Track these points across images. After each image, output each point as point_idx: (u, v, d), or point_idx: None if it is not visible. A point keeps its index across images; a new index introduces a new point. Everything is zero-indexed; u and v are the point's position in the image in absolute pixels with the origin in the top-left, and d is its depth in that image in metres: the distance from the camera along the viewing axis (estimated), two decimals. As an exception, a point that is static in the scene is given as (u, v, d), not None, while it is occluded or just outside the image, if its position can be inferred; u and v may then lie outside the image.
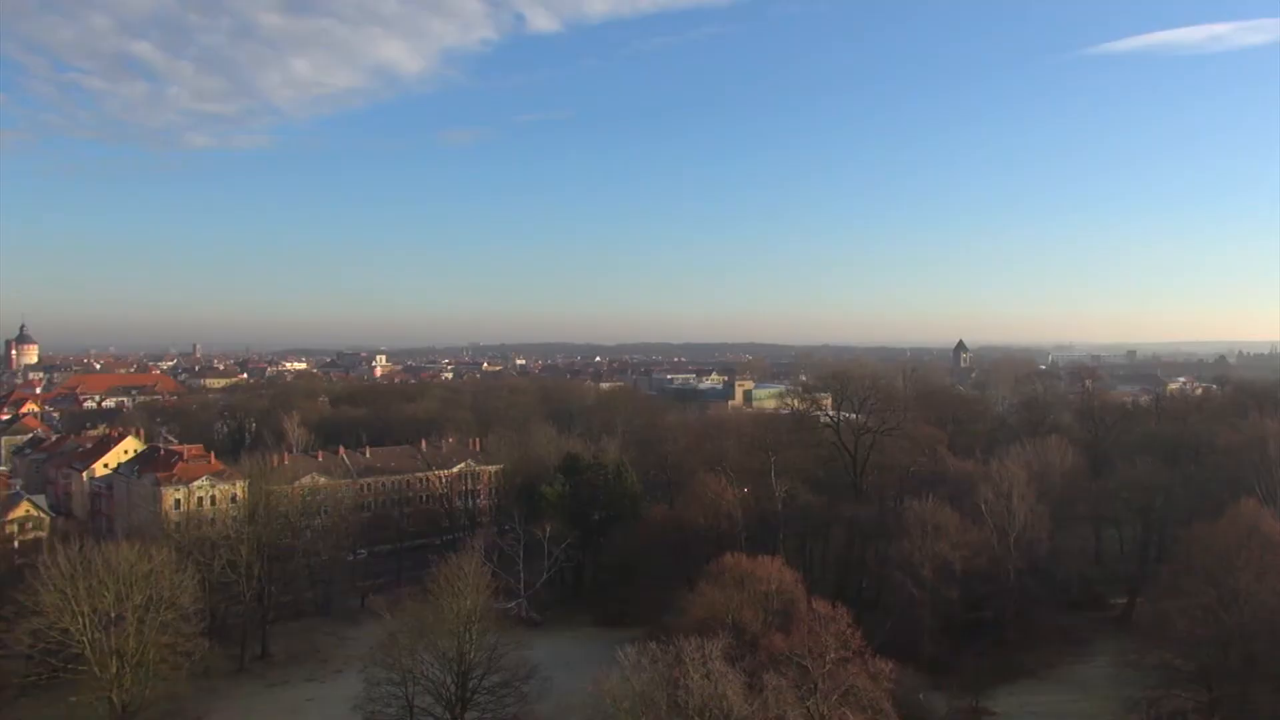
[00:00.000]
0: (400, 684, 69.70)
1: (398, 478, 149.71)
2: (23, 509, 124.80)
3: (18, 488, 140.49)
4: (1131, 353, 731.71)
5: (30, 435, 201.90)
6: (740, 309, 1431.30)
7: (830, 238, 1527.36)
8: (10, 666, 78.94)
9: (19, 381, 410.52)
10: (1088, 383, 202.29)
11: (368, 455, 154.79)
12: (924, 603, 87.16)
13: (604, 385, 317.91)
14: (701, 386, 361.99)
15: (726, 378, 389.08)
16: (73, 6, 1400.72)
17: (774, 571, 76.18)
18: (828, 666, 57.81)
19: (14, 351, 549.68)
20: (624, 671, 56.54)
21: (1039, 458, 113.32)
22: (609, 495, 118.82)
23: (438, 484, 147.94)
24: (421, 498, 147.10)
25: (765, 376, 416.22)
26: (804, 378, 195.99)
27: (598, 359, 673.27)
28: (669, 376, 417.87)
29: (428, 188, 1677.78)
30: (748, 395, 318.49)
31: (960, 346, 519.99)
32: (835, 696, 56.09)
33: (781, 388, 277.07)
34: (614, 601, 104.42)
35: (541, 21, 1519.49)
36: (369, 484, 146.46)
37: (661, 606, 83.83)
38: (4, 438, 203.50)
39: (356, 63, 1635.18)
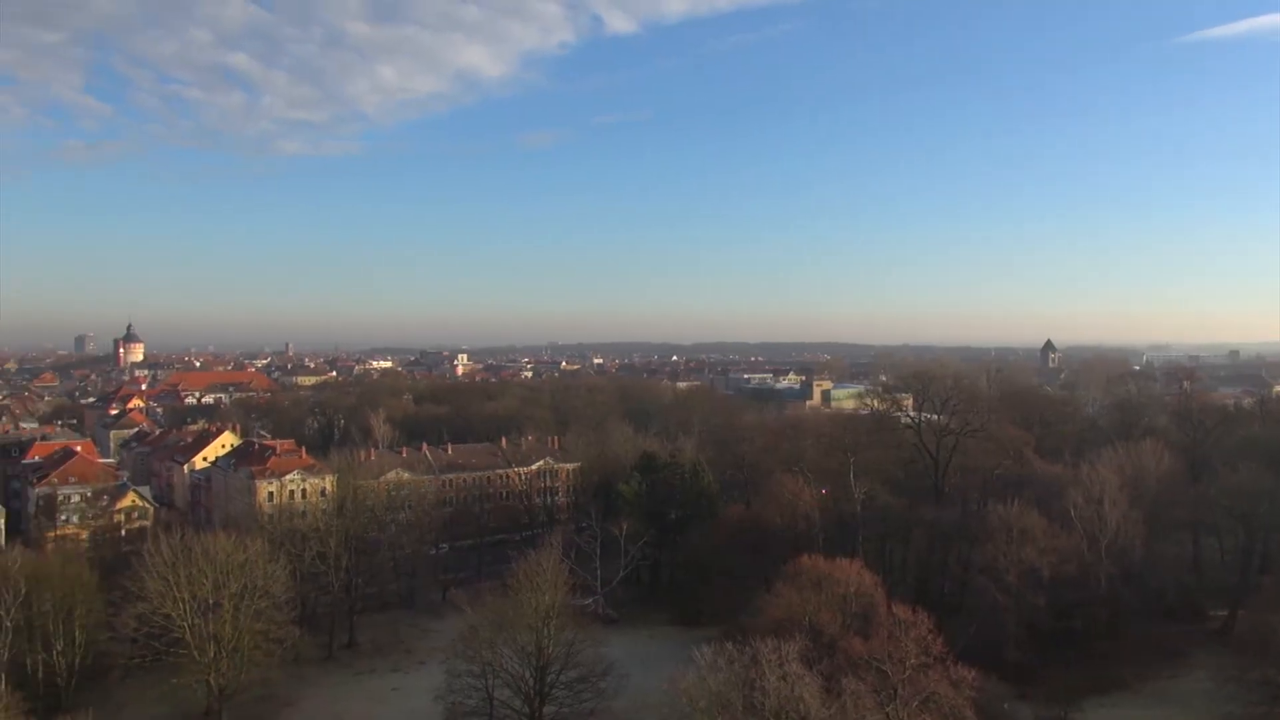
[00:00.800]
0: (480, 676, 71.22)
1: (478, 474, 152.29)
2: (129, 499, 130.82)
3: (125, 479, 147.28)
4: (1234, 353, 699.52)
5: (136, 429, 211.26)
6: (818, 308, 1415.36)
7: (909, 234, 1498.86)
8: (118, 649, 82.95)
9: (126, 378, 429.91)
10: (1186, 384, 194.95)
11: (450, 452, 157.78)
12: (1009, 609, 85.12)
13: (681, 385, 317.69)
14: (779, 386, 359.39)
15: (804, 377, 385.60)
16: (175, 21, 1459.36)
17: (852, 574, 75.40)
18: (908, 672, 57.10)
19: (122, 350, 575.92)
20: (700, 671, 56.79)
21: (1132, 461, 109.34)
22: (685, 494, 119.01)
23: (517, 481, 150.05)
24: (501, 494, 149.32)
25: (844, 376, 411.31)
26: (884, 378, 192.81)
27: (674, 358, 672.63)
28: (746, 376, 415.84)
29: (508, 189, 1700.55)
30: (826, 395, 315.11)
31: (1048, 346, 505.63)
32: (915, 703, 55.41)
33: (860, 388, 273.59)
34: (690, 600, 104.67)
35: (619, 23, 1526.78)
36: (451, 480, 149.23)
37: (738, 606, 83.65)
38: (113, 431, 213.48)
39: (439, 68, 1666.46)
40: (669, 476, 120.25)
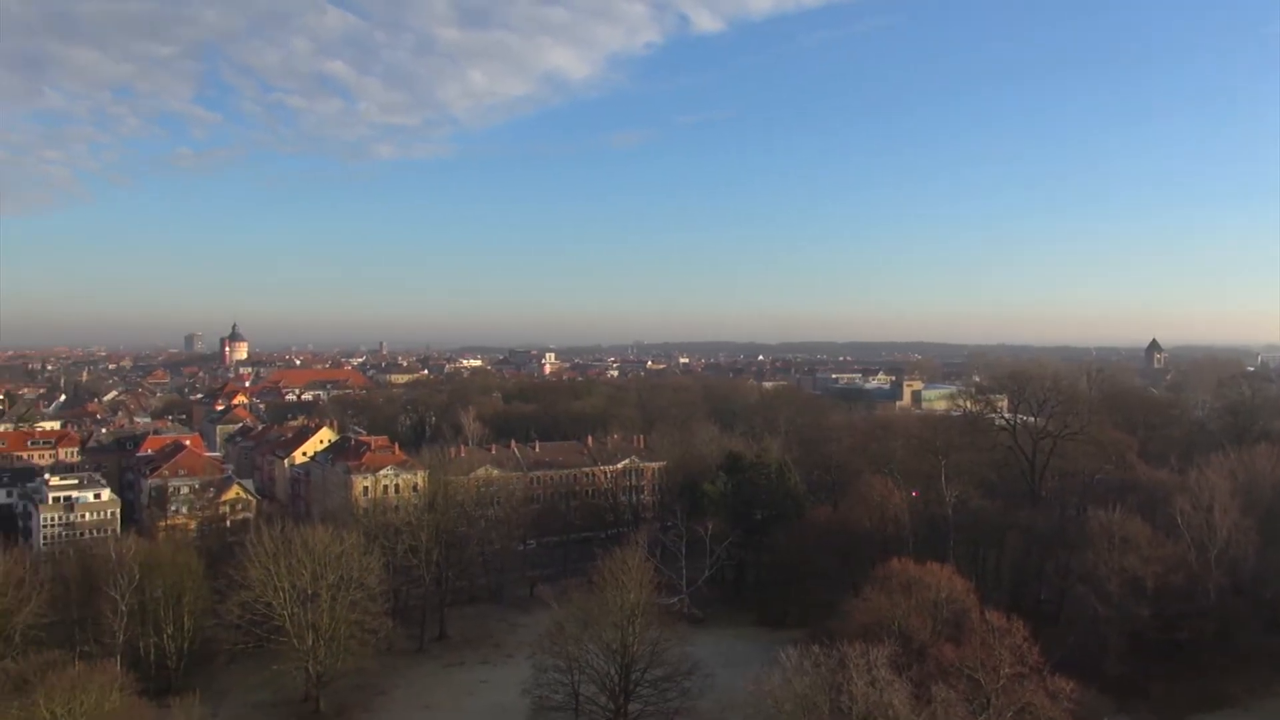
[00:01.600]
0: (566, 671, 72.03)
1: (565, 472, 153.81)
2: (234, 492, 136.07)
3: (230, 472, 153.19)
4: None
5: (240, 425, 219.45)
6: (909, 307, 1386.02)
7: (1003, 231, 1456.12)
8: (223, 634, 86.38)
9: (231, 376, 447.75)
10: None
11: (537, 450, 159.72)
12: (1110, 619, 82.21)
13: (767, 384, 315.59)
14: (868, 386, 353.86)
15: (894, 377, 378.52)
16: (277, 31, 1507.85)
17: (944, 579, 73.99)
18: (1002, 681, 55.80)
19: (228, 349, 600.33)
20: (786, 673, 56.42)
21: (1245, 467, 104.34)
22: (771, 494, 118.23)
23: (603, 479, 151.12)
24: (587, 492, 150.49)
25: (935, 376, 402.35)
26: (977, 378, 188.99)
27: (760, 358, 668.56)
28: (834, 376, 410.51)
29: (595, 189, 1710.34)
30: (916, 396, 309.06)
31: (1153, 346, 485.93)
32: (1010, 714, 54.16)
33: (953, 388, 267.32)
34: (776, 602, 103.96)
35: (705, 22, 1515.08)
36: (538, 477, 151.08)
37: (825, 609, 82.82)
38: (219, 426, 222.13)
39: (527, 71, 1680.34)
40: (755, 476, 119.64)
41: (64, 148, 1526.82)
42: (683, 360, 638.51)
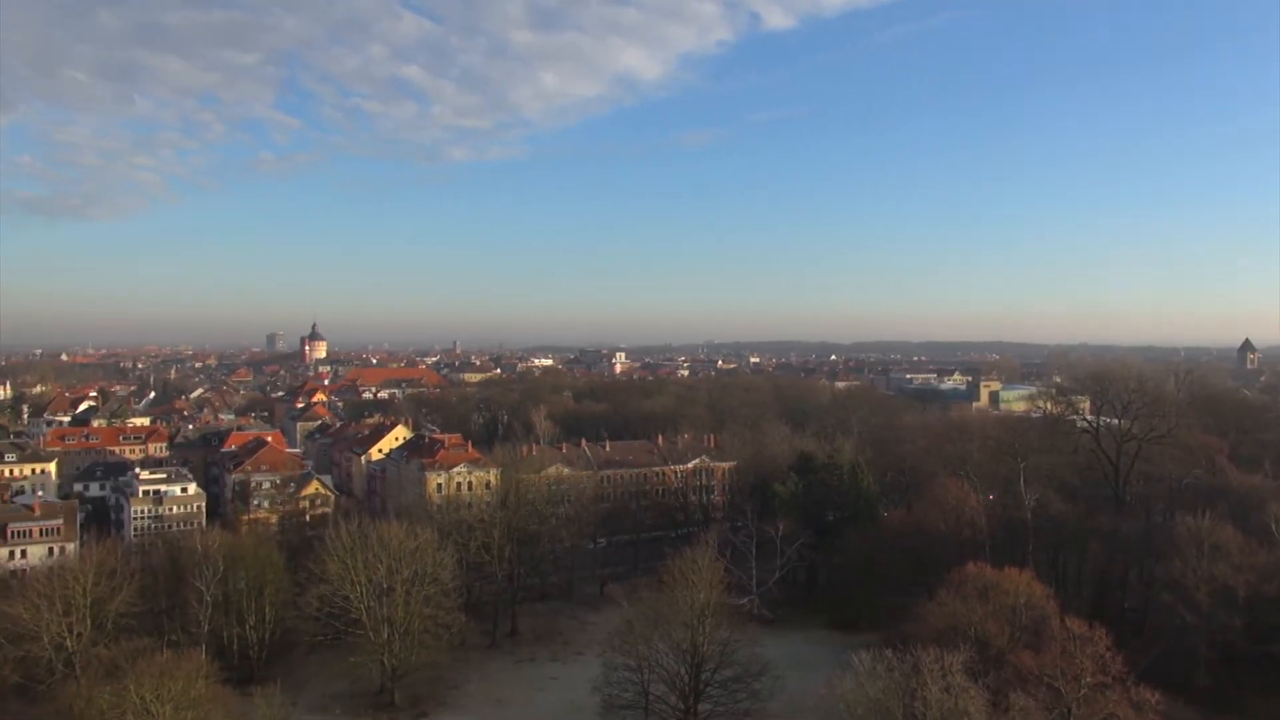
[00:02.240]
0: (636, 670, 72.17)
1: (635, 471, 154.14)
2: (313, 487, 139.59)
3: (309, 468, 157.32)
4: None
5: (319, 422, 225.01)
6: (986, 306, 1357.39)
7: (1085, 229, 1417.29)
8: (302, 626, 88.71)
9: (311, 374, 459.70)
10: None
11: (608, 449, 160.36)
12: (1199, 630, 79.43)
13: (839, 384, 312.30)
14: (943, 387, 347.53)
15: (970, 378, 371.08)
16: (355, 38, 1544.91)
17: (1022, 585, 72.46)
18: (1084, 691, 54.42)
19: (307, 347, 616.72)
20: (858, 677, 55.80)
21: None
22: (844, 496, 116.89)
23: (673, 479, 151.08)
24: (657, 491, 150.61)
25: (1013, 377, 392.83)
26: (1058, 379, 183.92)
27: (833, 357, 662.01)
28: (908, 376, 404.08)
29: (665, 189, 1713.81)
30: (994, 397, 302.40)
31: (1246, 346, 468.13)
32: (1090, 722, 52.70)
33: (1032, 389, 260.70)
34: (848, 604, 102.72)
35: (777, 19, 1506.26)
36: (608, 476, 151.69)
37: (898, 613, 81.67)
38: (299, 423, 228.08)
39: (599, 72, 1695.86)
40: (827, 477, 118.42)
41: (154, 154, 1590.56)
42: (754, 360, 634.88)
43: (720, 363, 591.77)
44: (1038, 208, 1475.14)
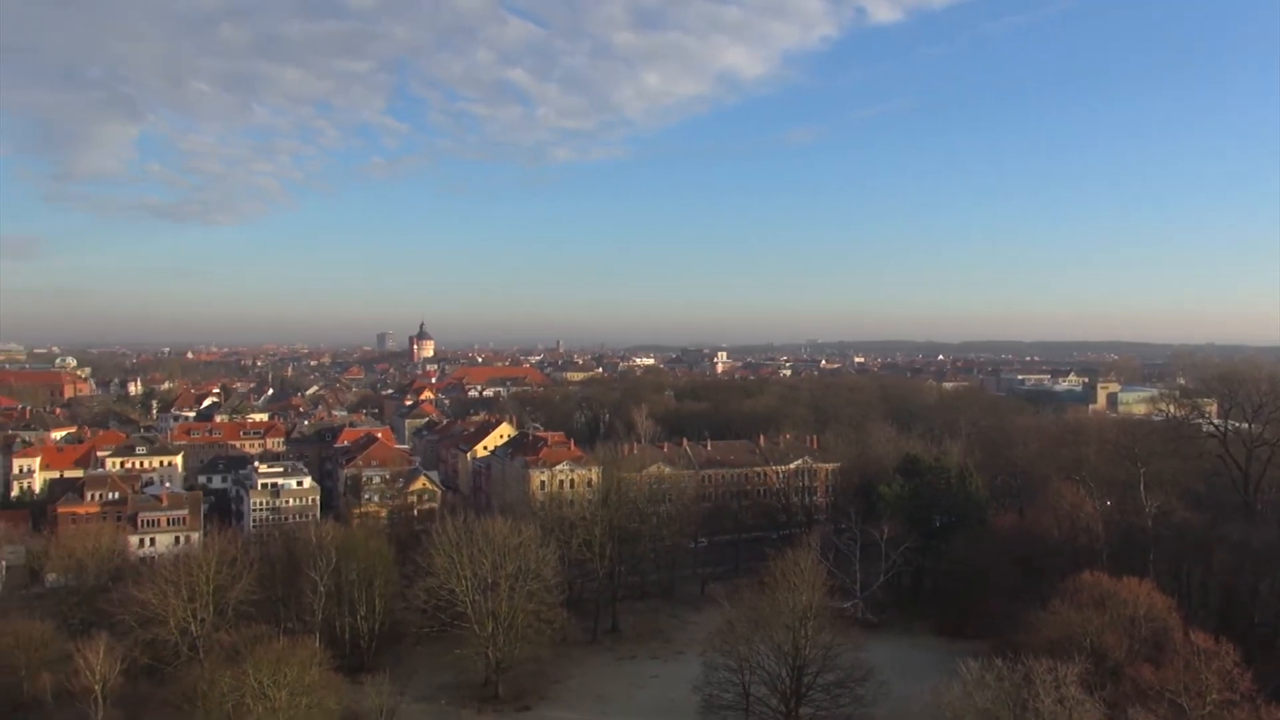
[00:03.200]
0: (737, 671, 71.79)
1: (736, 471, 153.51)
2: (420, 483, 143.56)
3: (417, 464, 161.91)
4: None
5: (427, 419, 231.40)
6: (1103, 304, 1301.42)
7: (1210, 224, 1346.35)
8: (409, 618, 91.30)
9: (419, 372, 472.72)
10: None
11: (709, 448, 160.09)
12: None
13: (947, 385, 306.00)
14: (1057, 388, 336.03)
15: (1086, 379, 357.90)
16: (462, 43, 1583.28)
17: (1142, 595, 69.72)
18: (1209, 708, 51.94)
19: (416, 346, 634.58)
20: (966, 685, 54.45)
21: None
22: (951, 499, 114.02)
23: (775, 479, 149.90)
24: (759, 491, 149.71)
25: (1133, 378, 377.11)
26: (1182, 380, 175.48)
27: (940, 357, 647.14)
28: (1020, 376, 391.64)
29: (768, 187, 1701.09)
30: (1112, 398, 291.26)
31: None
32: (1216, 741, 50.12)
33: (1153, 391, 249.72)
34: (955, 610, 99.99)
35: (883, 13, 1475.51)
36: (709, 476, 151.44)
37: (1008, 621, 79.10)
38: (407, 420, 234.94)
39: (701, 71, 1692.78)
40: (934, 480, 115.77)
41: (272, 160, 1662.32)
42: (858, 359, 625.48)
43: (823, 362, 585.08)
44: (1162, 202, 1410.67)
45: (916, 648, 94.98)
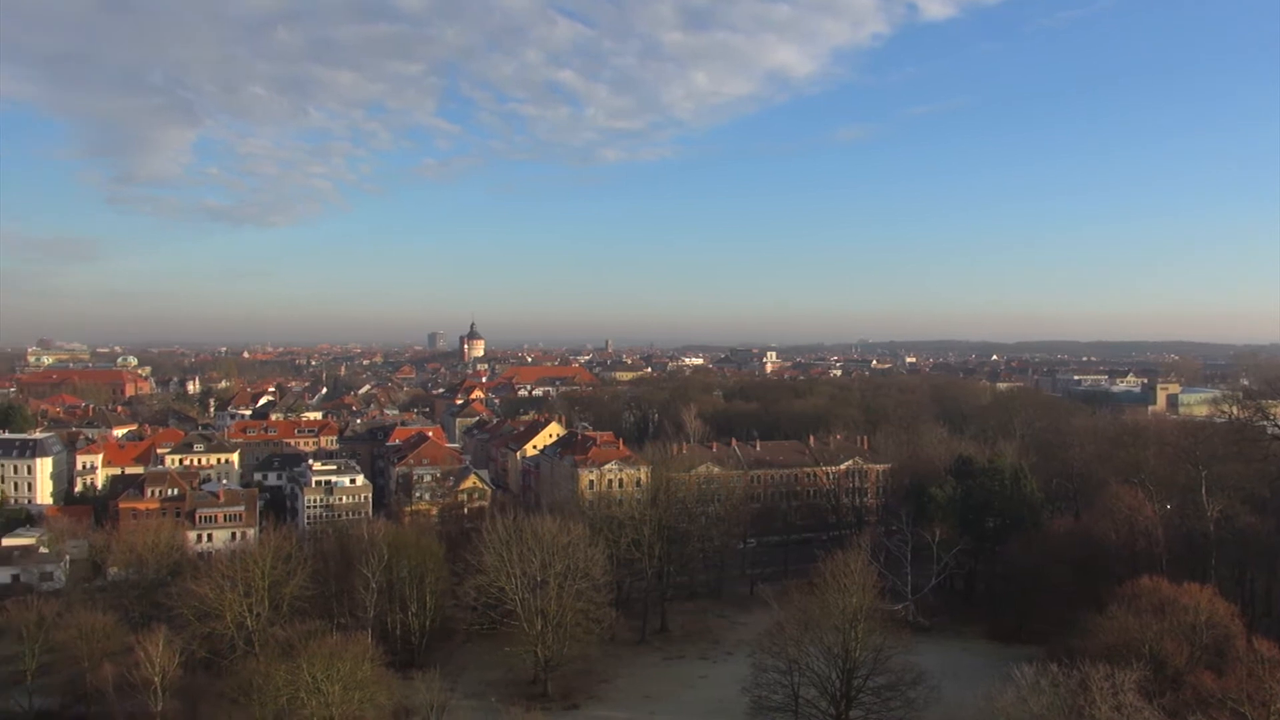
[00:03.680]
0: (786, 673, 71.34)
1: (786, 471, 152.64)
2: (470, 481, 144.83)
3: (467, 463, 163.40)
4: None
5: (477, 418, 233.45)
6: (1163, 303, 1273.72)
7: (1271, 217, 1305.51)
8: (460, 615, 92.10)
9: (469, 372, 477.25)
10: None
11: (758, 448, 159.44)
12: None
13: (1001, 385, 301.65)
14: (1115, 389, 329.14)
15: (1145, 379, 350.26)
16: (512, 44, 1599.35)
17: (1203, 601, 68.05)
18: (1273, 717, 50.25)
19: (466, 346, 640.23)
20: (1020, 691, 53.62)
21: None
22: (1005, 502, 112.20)
23: (825, 480, 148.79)
24: (809, 492, 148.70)
25: (1194, 379, 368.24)
26: (1245, 381, 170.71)
27: (994, 357, 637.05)
28: (1076, 377, 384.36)
29: (818, 186, 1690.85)
30: (1172, 400, 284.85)
31: None
32: (1281, 752, 48.67)
33: (1215, 392, 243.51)
34: (1009, 614, 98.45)
35: (935, 9, 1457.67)
36: (759, 476, 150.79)
37: (1063, 626, 77.80)
38: (458, 419, 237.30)
39: (751, 70, 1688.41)
40: (986, 482, 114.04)
41: (326, 162, 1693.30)
42: (909, 360, 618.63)
43: (874, 362, 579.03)
44: (1223, 198, 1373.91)
45: (969, 652, 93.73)
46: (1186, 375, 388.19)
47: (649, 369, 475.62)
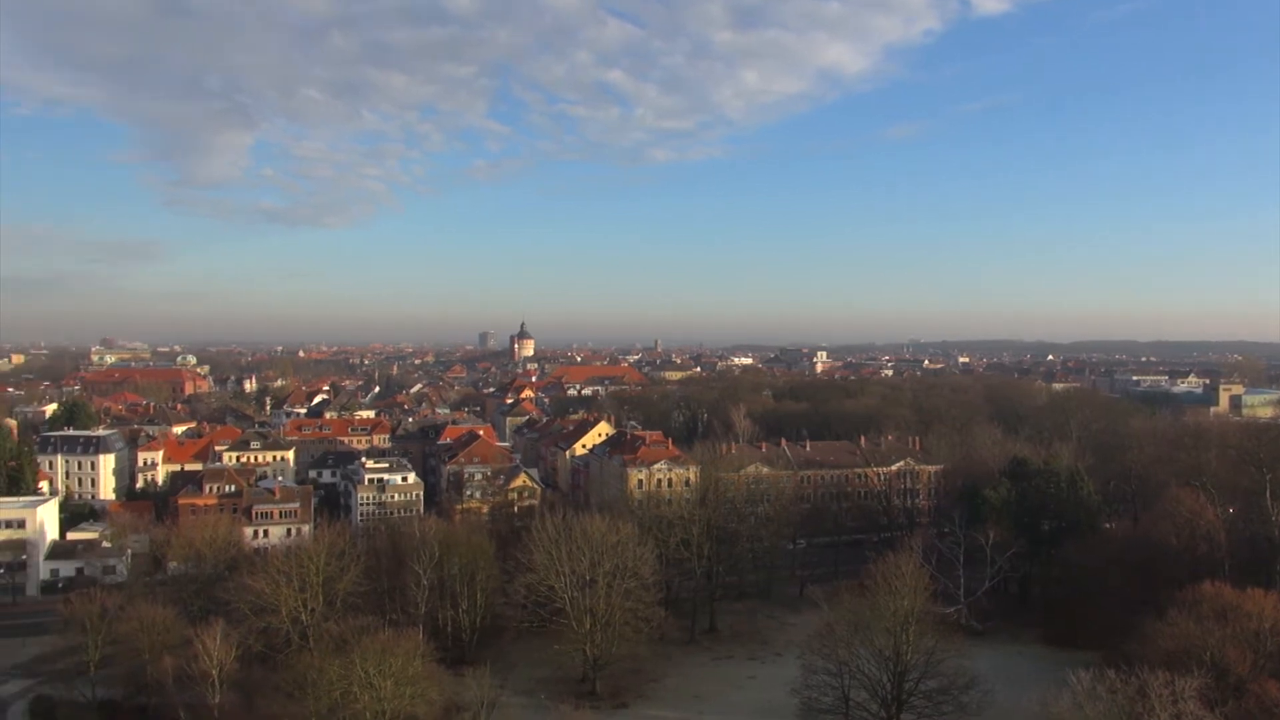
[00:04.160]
0: (836, 675, 70.86)
1: (836, 472, 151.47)
2: (520, 480, 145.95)
3: (517, 461, 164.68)
4: None
5: (527, 417, 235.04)
6: (1226, 302, 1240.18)
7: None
8: (509, 613, 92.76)
9: (519, 371, 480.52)
10: None
11: (808, 449, 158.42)
12: None
13: (1057, 386, 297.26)
14: (1175, 390, 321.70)
15: (1207, 380, 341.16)
16: (562, 45, 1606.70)
17: (1268, 608, 66.49)
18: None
19: (516, 345, 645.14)
20: (1076, 697, 52.68)
21: None
22: (1061, 504, 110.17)
23: (876, 481, 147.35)
24: (859, 493, 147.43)
25: (1259, 380, 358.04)
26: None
27: (1050, 357, 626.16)
28: (1135, 377, 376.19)
29: (869, 184, 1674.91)
30: (1235, 401, 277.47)
31: None
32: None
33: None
34: (1064, 619, 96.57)
35: (990, 4, 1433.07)
36: (808, 476, 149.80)
37: (1121, 631, 76.24)
38: (508, 418, 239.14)
39: (801, 68, 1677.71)
40: (1042, 484, 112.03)
41: (380, 164, 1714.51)
42: (962, 359, 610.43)
43: (926, 362, 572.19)
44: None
45: (1023, 656, 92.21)
46: (1250, 376, 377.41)
47: (698, 369, 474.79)
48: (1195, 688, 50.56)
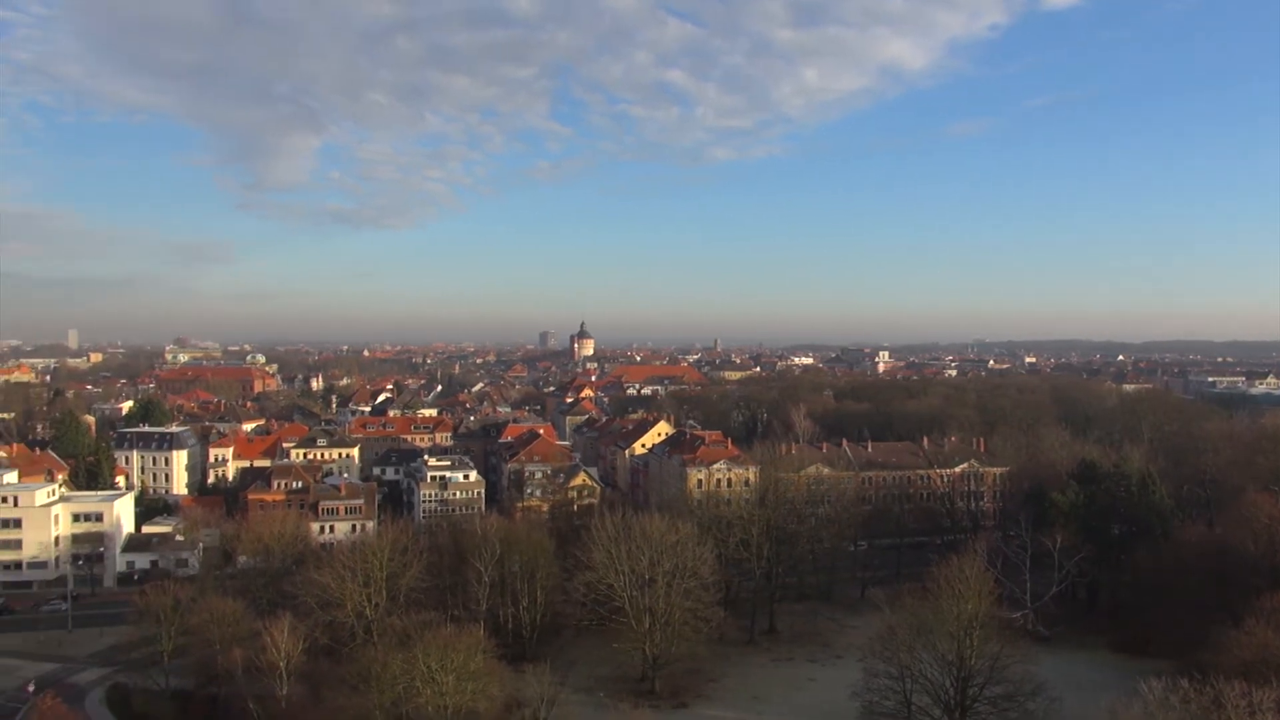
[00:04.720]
0: (898, 679, 69.91)
1: (898, 473, 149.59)
2: (580, 479, 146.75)
3: (577, 460, 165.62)
4: None
5: (586, 417, 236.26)
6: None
7: None
8: (569, 610, 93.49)
9: (579, 370, 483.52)
10: None
11: (869, 449, 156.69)
12: None
13: (1127, 387, 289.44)
14: (1253, 391, 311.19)
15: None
16: (621, 46, 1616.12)
17: (1353, 618, 63.37)
18: None
19: (576, 345, 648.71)
20: (1148, 706, 51.31)
21: None
22: (1131, 508, 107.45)
23: (939, 482, 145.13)
24: (922, 495, 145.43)
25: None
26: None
27: (1120, 358, 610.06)
28: (1210, 379, 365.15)
29: (932, 181, 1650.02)
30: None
31: None
32: None
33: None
34: (1135, 626, 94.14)
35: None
36: (870, 478, 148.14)
37: (1194, 639, 74.04)
38: (568, 417, 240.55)
39: (862, 64, 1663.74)
40: (1111, 488, 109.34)
41: (442, 166, 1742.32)
42: (1029, 360, 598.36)
43: (991, 362, 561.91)
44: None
45: (1091, 663, 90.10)
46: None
47: (757, 368, 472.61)
48: (1274, 699, 48.90)
